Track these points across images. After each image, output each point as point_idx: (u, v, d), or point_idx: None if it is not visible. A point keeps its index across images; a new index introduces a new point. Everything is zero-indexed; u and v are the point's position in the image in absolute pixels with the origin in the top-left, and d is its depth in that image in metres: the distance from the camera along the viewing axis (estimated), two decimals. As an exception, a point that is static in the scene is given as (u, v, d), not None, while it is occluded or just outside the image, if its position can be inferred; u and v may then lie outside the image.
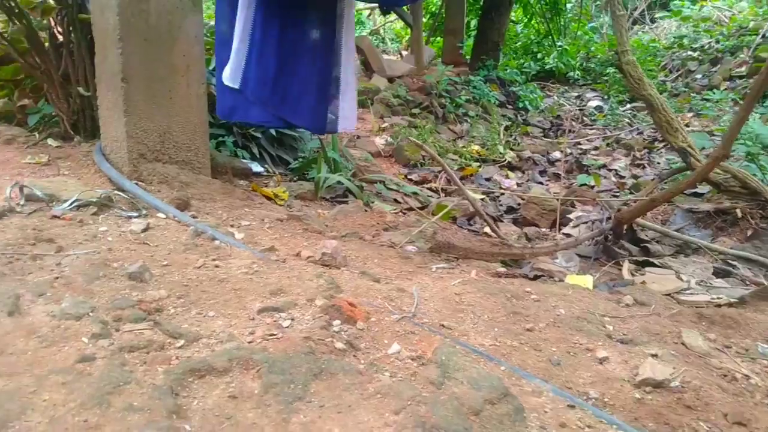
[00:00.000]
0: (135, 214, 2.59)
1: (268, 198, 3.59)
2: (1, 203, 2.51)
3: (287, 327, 1.68)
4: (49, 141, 3.32)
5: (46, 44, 3.35)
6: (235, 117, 3.17)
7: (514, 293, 2.18)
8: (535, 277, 2.73)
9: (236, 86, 2.87)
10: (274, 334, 1.62)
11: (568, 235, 3.62)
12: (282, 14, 2.87)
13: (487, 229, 3.48)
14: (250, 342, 1.57)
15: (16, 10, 3.17)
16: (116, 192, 2.72)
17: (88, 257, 2.07)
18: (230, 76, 2.89)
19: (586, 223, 3.90)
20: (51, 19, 3.33)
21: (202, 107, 3.28)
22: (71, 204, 2.56)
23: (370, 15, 16.39)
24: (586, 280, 2.65)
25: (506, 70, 9.80)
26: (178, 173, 3.16)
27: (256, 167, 4.26)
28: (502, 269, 2.79)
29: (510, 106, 8.61)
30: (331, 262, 2.32)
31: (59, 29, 3.33)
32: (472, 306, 2.02)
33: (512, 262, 3.01)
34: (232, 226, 2.72)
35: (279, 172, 4.44)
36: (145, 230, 2.40)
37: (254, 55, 2.83)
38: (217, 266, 2.09)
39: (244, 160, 4.23)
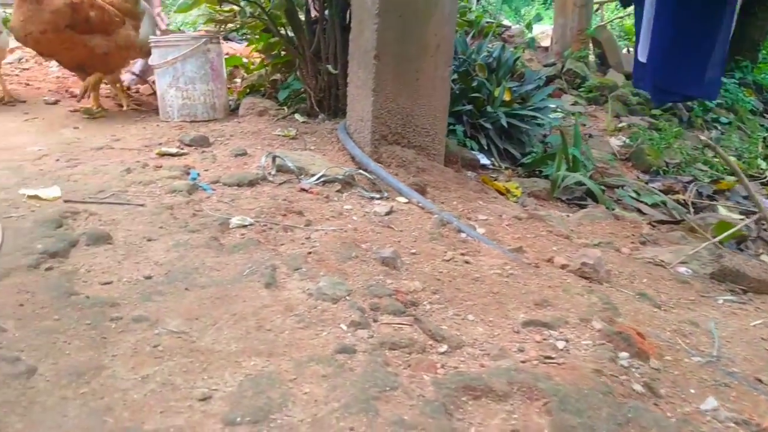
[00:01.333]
0: (377, 195, 2.48)
1: (500, 192, 3.32)
2: (256, 171, 2.57)
3: (562, 350, 1.39)
4: (296, 116, 3.41)
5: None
6: (641, 87, 3.50)
7: None
8: None
9: (643, 60, 2.95)
10: (551, 357, 1.33)
11: None
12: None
13: (765, 257, 2.84)
14: (523, 362, 1.31)
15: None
16: (359, 171, 2.65)
17: (336, 234, 1.98)
18: (640, 50, 2.96)
19: None
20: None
21: (445, 91, 3.11)
22: (318, 179, 2.54)
23: (598, 10, 15.33)
24: None
25: (762, 75, 8.37)
26: (415, 158, 3.03)
27: (484, 159, 4.03)
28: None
29: (768, 116, 7.32)
30: (593, 275, 1.98)
31: (315, 6, 3.38)
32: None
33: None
34: (469, 219, 2.50)
35: (505, 166, 4.16)
36: (388, 213, 2.27)
37: (657, 31, 2.85)
38: (467, 262, 1.87)
39: (472, 151, 4.03)
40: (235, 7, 3.48)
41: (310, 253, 1.80)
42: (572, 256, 2.09)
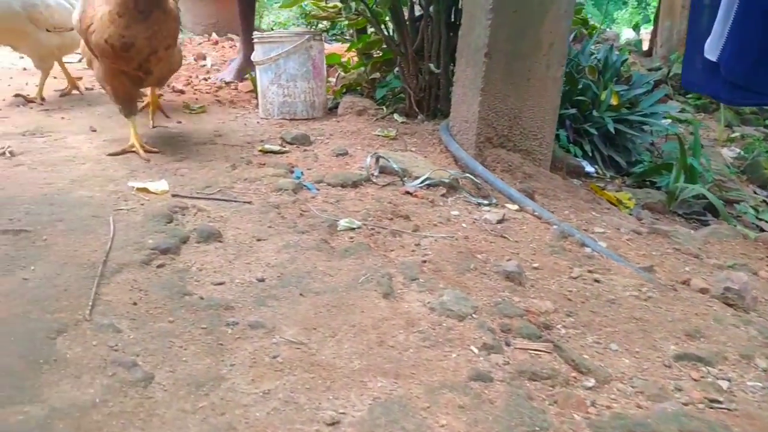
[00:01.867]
0: (484, 201, 2.33)
1: (611, 203, 3.08)
2: (358, 171, 2.48)
3: (727, 391, 1.19)
4: (395, 116, 3.30)
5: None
6: (698, 89, 3.18)
7: None
8: None
9: (713, 59, 2.61)
10: (718, 401, 1.15)
11: None
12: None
13: None
14: (685, 404, 1.12)
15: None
16: (465, 175, 2.50)
17: (447, 242, 1.85)
18: (709, 47, 2.62)
19: None
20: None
21: (556, 92, 2.91)
22: (422, 182, 2.42)
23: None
24: None
25: None
26: (522, 163, 2.85)
27: (588, 166, 3.78)
28: None
29: None
30: (738, 302, 1.74)
31: (420, 2, 3.26)
32: None
33: None
34: (585, 231, 2.30)
35: (610, 174, 3.90)
36: (500, 221, 2.12)
37: (736, 29, 2.55)
38: (597, 281, 1.69)
39: (576, 158, 3.79)
40: (339, 4, 3.42)
41: (425, 261, 1.67)
42: (711, 279, 1.86)
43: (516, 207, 2.33)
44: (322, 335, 1.27)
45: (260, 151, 2.67)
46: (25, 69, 4.54)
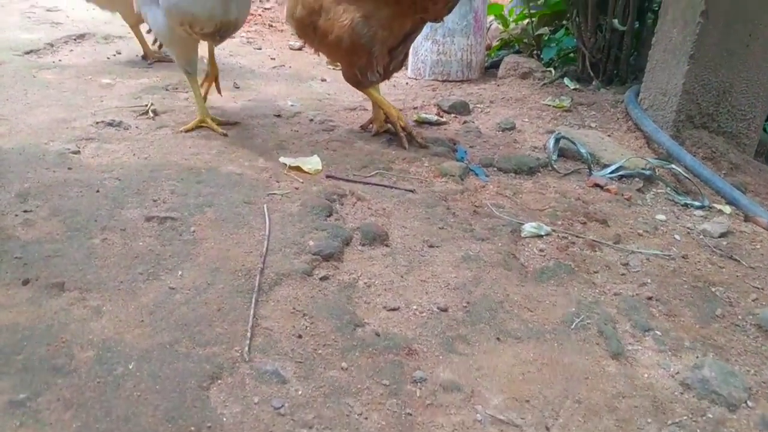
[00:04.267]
0: (694, 202, 1.88)
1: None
2: (530, 151, 2.09)
3: None
4: (565, 81, 2.83)
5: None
6: None
7: None
8: None
9: None
10: None
11: None
12: None
13: None
14: None
15: None
16: (669, 165, 2.04)
17: (664, 265, 1.45)
18: None
19: None
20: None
21: (778, 64, 2.32)
22: (613, 171, 1.99)
23: None
24: None
25: None
26: (727, 149, 2.33)
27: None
28: None
29: None
30: None
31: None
32: None
33: None
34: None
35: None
36: (724, 235, 1.67)
37: None
38: None
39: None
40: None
41: (650, 298, 1.29)
42: None
43: (729, 209, 1.86)
44: (539, 413, 0.95)
45: (416, 121, 2.34)
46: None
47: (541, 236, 1.55)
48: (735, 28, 2.21)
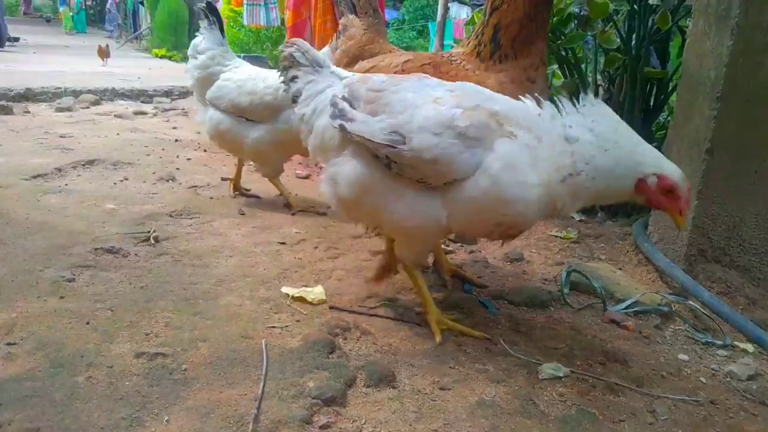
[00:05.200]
0: (716, 341, 1.78)
1: None
2: (541, 284, 2.02)
3: None
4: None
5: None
6: None
7: None
8: None
9: None
10: None
11: None
12: None
13: None
14: None
15: (572, 61, 2.79)
16: (685, 301, 1.97)
17: (694, 413, 1.33)
18: None
19: None
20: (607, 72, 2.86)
21: (786, 198, 2.32)
22: (628, 307, 1.91)
23: None
24: None
25: None
26: (742, 284, 2.26)
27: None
28: None
29: None
30: None
31: (611, 86, 2.84)
32: None
33: None
34: None
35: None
36: (752, 378, 1.56)
37: None
38: None
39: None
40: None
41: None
42: None
43: (752, 347, 1.76)
44: None
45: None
46: (177, 140, 4.39)
47: (560, 378, 1.44)
48: (741, 164, 2.22)
